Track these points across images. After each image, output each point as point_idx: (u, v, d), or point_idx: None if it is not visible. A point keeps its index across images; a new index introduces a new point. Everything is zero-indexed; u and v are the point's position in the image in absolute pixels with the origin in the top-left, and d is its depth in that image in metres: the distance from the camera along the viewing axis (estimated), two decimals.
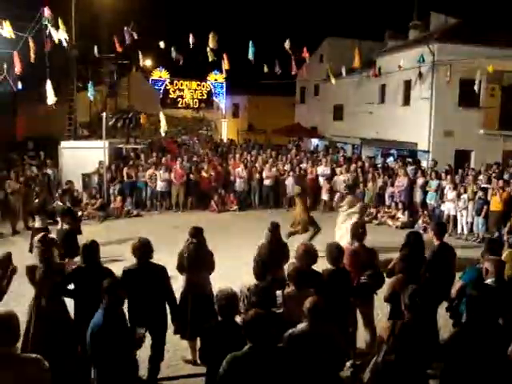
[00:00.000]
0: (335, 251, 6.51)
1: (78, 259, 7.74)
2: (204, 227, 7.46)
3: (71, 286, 6.36)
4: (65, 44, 16.47)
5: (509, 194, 14.71)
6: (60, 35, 15.88)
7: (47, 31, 16.13)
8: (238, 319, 5.02)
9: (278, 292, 5.58)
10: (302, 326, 4.76)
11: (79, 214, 14.69)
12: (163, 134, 18.00)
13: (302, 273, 5.74)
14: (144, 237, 6.54)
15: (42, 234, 6.79)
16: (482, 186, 15.56)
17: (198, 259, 7.08)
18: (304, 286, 5.68)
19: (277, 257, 7.46)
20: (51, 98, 15.04)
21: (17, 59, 16.01)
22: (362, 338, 7.18)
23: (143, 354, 6.23)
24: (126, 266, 6.45)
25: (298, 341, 4.64)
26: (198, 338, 6.10)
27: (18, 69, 16.15)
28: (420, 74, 22.94)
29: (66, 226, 10.88)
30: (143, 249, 6.35)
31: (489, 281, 5.65)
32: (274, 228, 8.04)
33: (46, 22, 16.00)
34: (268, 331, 4.26)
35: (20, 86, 19.40)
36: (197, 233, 7.26)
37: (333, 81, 22.62)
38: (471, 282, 5.88)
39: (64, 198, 12.16)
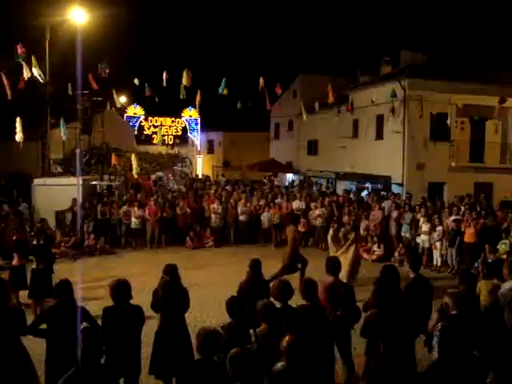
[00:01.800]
0: (309, 287, 6.45)
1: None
2: (179, 264, 7.37)
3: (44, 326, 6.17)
4: (40, 80, 16.38)
5: (482, 226, 14.89)
6: (34, 72, 15.83)
7: (22, 69, 16.06)
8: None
9: (251, 330, 5.48)
10: (279, 365, 4.66)
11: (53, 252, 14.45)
12: (135, 176, 17.84)
13: (271, 309, 5.65)
14: (122, 278, 6.39)
15: None
16: (455, 217, 15.71)
17: (172, 297, 6.96)
18: (276, 323, 5.60)
19: (257, 294, 7.32)
20: (19, 136, 14.96)
21: None
22: (340, 373, 7.11)
23: None
24: (106, 305, 6.29)
25: (278, 381, 4.54)
26: (174, 379, 5.99)
27: None
28: (392, 109, 23.34)
29: (40, 266, 10.70)
30: (121, 290, 6.21)
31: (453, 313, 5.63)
32: (255, 265, 7.95)
33: (20, 60, 15.95)
34: (255, 369, 4.17)
35: None
36: (171, 270, 7.16)
37: (304, 117, 22.96)
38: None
39: (39, 237, 11.96)
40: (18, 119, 15.18)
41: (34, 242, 11.81)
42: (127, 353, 6.09)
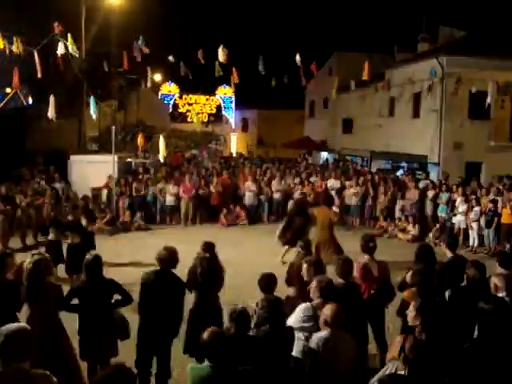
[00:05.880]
0: (345, 265, 6.43)
1: None
2: (213, 241, 7.41)
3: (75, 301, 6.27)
4: (76, 55, 16.51)
5: None
6: (70, 50, 15.96)
7: (58, 46, 16.18)
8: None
9: (308, 304, 5.54)
10: (322, 333, 4.85)
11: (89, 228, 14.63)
12: (162, 160, 17.66)
13: (331, 285, 5.72)
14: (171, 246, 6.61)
15: (37, 254, 6.43)
16: (492, 198, 15.42)
17: (211, 274, 7.01)
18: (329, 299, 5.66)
19: None
20: (52, 113, 15.15)
21: (16, 75, 16.08)
22: (373, 352, 7.08)
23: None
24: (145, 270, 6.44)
25: (321, 346, 4.73)
26: None
27: (15, 85, 16.19)
28: (429, 87, 22.88)
29: (75, 241, 10.86)
30: (169, 257, 6.43)
31: (499, 296, 5.54)
32: (307, 246, 8.17)
33: (58, 37, 16.10)
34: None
35: (30, 100, 19.55)
36: (209, 248, 7.22)
37: (334, 95, 22.78)
38: None
39: (75, 213, 12.11)
40: (51, 97, 15.33)
41: (69, 218, 11.99)
42: (159, 321, 6.19)
